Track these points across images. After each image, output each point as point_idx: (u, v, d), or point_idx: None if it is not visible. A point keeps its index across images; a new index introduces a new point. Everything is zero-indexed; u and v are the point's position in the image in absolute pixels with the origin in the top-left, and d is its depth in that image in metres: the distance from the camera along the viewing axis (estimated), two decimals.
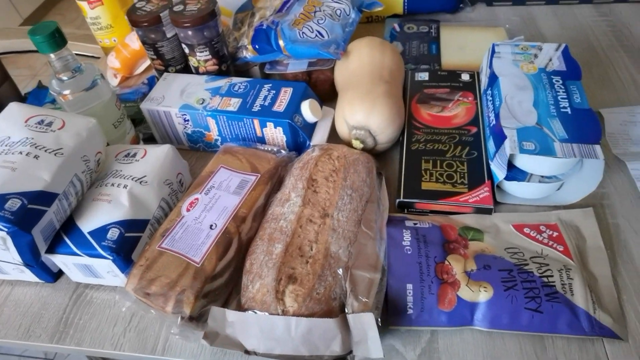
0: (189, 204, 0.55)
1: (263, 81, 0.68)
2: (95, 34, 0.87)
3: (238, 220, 0.54)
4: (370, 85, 0.64)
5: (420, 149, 0.64)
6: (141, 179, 0.56)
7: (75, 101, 0.60)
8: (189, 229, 0.53)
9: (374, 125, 0.62)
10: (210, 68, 0.71)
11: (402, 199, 0.59)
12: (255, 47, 0.72)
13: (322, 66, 0.72)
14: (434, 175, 0.60)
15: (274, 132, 0.64)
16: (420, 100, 0.70)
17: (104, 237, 0.51)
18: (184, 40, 0.69)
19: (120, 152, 0.60)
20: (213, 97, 0.66)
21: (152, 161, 0.59)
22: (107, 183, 0.56)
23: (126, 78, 0.86)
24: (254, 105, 0.64)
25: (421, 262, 0.52)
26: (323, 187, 0.56)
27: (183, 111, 0.66)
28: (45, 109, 0.56)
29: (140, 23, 0.68)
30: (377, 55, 0.68)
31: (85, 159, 0.54)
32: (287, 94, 0.65)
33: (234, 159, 0.61)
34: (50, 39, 0.55)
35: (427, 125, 0.67)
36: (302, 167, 0.58)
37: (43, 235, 0.49)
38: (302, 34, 0.70)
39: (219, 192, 0.56)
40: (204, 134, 0.68)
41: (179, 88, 0.68)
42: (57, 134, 0.53)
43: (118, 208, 0.53)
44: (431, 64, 0.79)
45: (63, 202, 0.51)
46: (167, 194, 0.59)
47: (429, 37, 0.85)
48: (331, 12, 0.75)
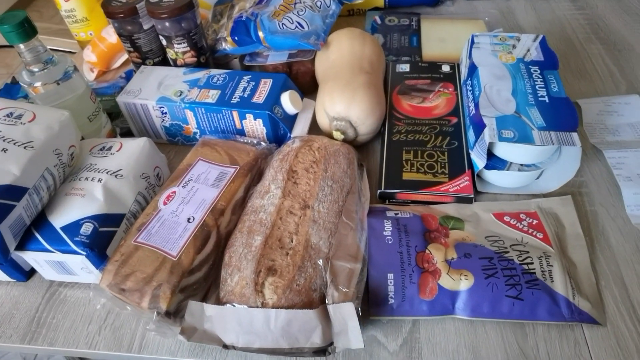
0: (166, 197, 0.54)
1: (242, 73, 0.67)
2: (71, 27, 0.85)
3: (216, 213, 0.53)
4: (351, 76, 0.63)
5: (402, 139, 0.63)
6: (116, 173, 0.55)
7: (48, 94, 0.58)
8: (166, 223, 0.51)
9: (355, 116, 0.61)
10: (189, 60, 0.70)
11: (383, 190, 0.58)
12: (235, 38, 0.71)
13: (302, 57, 0.71)
14: (414, 165, 0.60)
15: (254, 124, 0.63)
16: (401, 92, 0.70)
17: (77, 232, 0.50)
18: (161, 32, 0.67)
19: (95, 145, 0.59)
20: (191, 89, 0.65)
21: (127, 154, 0.57)
22: (81, 177, 0.54)
23: (103, 72, 0.84)
24: (233, 97, 0.63)
25: (402, 252, 0.52)
26: (303, 178, 0.55)
27: (160, 104, 0.64)
28: (15, 102, 0.54)
29: (116, 14, 0.67)
30: (357, 45, 0.67)
31: (57, 153, 0.53)
32: (266, 86, 0.64)
33: (212, 152, 0.59)
34: (19, 29, 0.53)
35: (408, 116, 0.66)
36: (282, 159, 0.57)
37: (12, 231, 0.47)
38: (282, 25, 0.69)
39: (196, 185, 0.55)
40: (182, 127, 0.67)
41: (156, 80, 0.67)
42: (27, 127, 0.51)
43: (92, 202, 0.52)
44: (412, 56, 0.79)
45: (33, 196, 0.49)
46: (143, 187, 0.57)
47: (410, 29, 0.85)
48: (311, 4, 0.74)
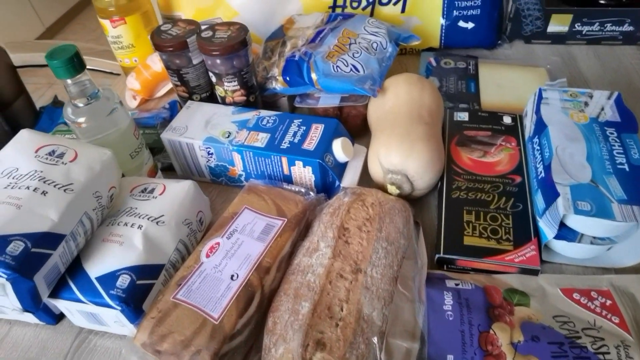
0: (209, 248, 0.50)
1: (293, 116, 0.63)
2: (116, 53, 0.84)
3: (262, 271, 0.48)
4: (409, 126, 0.59)
5: (462, 197, 0.58)
6: (158, 219, 0.52)
7: (90, 128, 0.55)
8: (208, 279, 0.47)
9: (412, 170, 0.57)
10: (238, 99, 0.67)
11: (442, 255, 0.53)
12: (286, 79, 0.68)
13: (355, 102, 0.67)
14: (477, 229, 0.55)
15: (303, 171, 0.59)
16: (460, 143, 0.65)
17: (112, 284, 0.46)
18: (212, 69, 0.65)
19: (137, 186, 0.56)
20: (240, 130, 0.62)
21: (171, 199, 0.54)
22: (120, 222, 0.51)
23: (145, 100, 0.82)
24: (283, 142, 0.60)
25: (464, 330, 0.46)
26: (356, 237, 0.51)
27: (207, 144, 0.61)
28: (57, 138, 0.52)
29: (165, 48, 0.65)
30: (416, 93, 0.63)
31: (97, 195, 0.50)
32: (318, 131, 0.61)
33: (259, 200, 0.56)
34: (68, 64, 0.51)
35: (468, 171, 0.61)
36: (332, 213, 0.53)
37: (46, 280, 0.44)
38: (337, 68, 0.66)
39: (242, 236, 0.51)
40: (227, 169, 0.63)
41: (203, 118, 0.64)
42: (68, 167, 0.49)
43: (130, 251, 0.48)
44: (470, 103, 0.75)
45: (70, 243, 0.46)
46: (185, 235, 0.54)
47: (467, 73, 0.81)
48: (367, 45, 0.71)
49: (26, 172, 0.47)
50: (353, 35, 0.73)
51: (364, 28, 0.75)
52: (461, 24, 0.85)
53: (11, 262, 0.41)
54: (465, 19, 0.84)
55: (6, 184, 0.46)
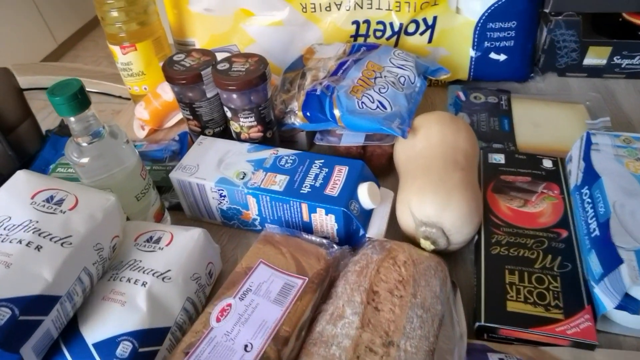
0: (220, 311, 0.45)
1: (314, 156, 0.58)
2: (126, 80, 0.79)
3: (279, 341, 0.42)
4: (444, 172, 0.53)
5: (502, 254, 0.52)
6: (164, 275, 0.46)
7: (93, 167, 0.50)
8: (218, 348, 0.42)
9: (449, 224, 0.51)
10: (254, 135, 0.62)
11: (483, 323, 0.47)
12: (306, 114, 0.63)
13: (381, 141, 0.62)
14: (521, 292, 0.49)
15: (325, 219, 0.54)
16: (496, 189, 0.60)
17: (112, 352, 0.40)
18: (227, 103, 0.60)
19: (142, 234, 0.50)
20: (256, 171, 0.56)
21: (179, 250, 0.48)
22: (123, 277, 0.45)
23: (154, 131, 0.78)
24: (303, 186, 0.54)
25: None
26: (387, 303, 0.45)
27: (220, 186, 0.56)
28: (57, 181, 0.47)
29: (178, 80, 0.60)
30: (450, 134, 0.58)
31: (98, 247, 0.44)
32: (341, 174, 0.55)
33: (276, 253, 0.50)
34: (72, 101, 0.46)
35: (508, 223, 0.55)
36: (359, 273, 0.47)
37: (35, 350, 0.38)
38: (362, 104, 0.61)
39: (257, 298, 0.46)
40: (241, 212, 0.58)
41: (216, 156, 0.59)
42: (67, 217, 0.43)
43: (133, 313, 0.43)
44: (504, 143, 0.69)
45: (66, 305, 0.41)
46: (193, 291, 0.48)
47: (499, 110, 0.75)
48: (394, 80, 0.65)
49: (20, 222, 0.42)
50: (378, 68, 0.67)
51: (389, 60, 0.70)
52: (492, 56, 0.80)
53: None
54: (497, 50, 0.79)
55: None
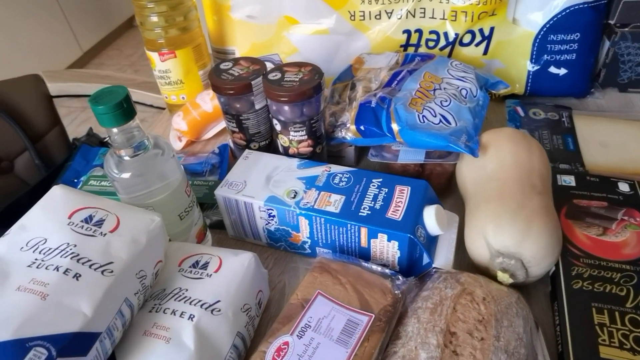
0: (276, 350, 0.39)
1: (370, 174, 0.53)
2: (162, 89, 0.75)
3: None
4: (521, 197, 0.48)
5: (586, 288, 0.46)
6: (213, 306, 0.41)
7: (134, 183, 0.46)
8: None
9: (529, 255, 0.45)
10: (303, 150, 0.57)
11: None
12: (360, 128, 0.58)
13: (443, 159, 0.56)
14: (614, 336, 0.43)
15: (386, 245, 0.48)
16: (571, 215, 0.54)
17: None
18: (277, 115, 0.55)
19: (186, 258, 0.45)
20: (308, 190, 0.51)
21: (228, 278, 0.43)
22: (167, 309, 0.40)
23: (192, 142, 0.73)
24: (362, 208, 0.49)
25: None
26: (467, 347, 0.39)
27: (269, 205, 0.51)
28: (96, 199, 0.42)
29: (225, 90, 0.55)
30: (523, 154, 0.52)
31: (140, 275, 0.39)
32: (403, 195, 0.50)
33: (334, 284, 0.45)
34: (116, 111, 0.41)
35: (588, 253, 0.49)
36: (432, 310, 0.42)
37: None
38: (423, 118, 0.56)
39: (317, 337, 0.40)
40: (290, 234, 0.53)
41: (264, 172, 0.54)
42: (108, 240, 0.39)
43: (180, 353, 0.37)
44: (571, 164, 0.63)
45: (105, 342, 0.36)
46: (243, 325, 0.43)
47: (562, 127, 0.70)
48: (455, 92, 0.60)
49: (56, 246, 0.37)
50: (436, 79, 0.62)
51: (447, 71, 0.65)
52: (552, 70, 0.74)
53: None
54: (558, 64, 0.74)
55: (31, 260, 0.36)
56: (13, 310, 0.32)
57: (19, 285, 0.34)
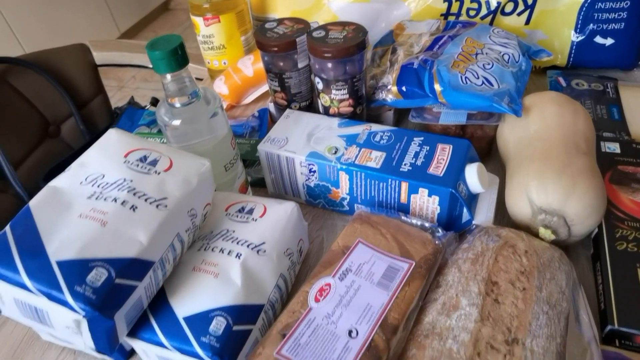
0: (319, 290, 0.40)
1: (411, 132, 0.53)
2: (205, 53, 0.77)
3: (388, 329, 0.38)
4: (566, 157, 0.47)
5: (631, 250, 0.46)
6: (259, 247, 0.42)
7: (185, 132, 0.47)
8: (319, 331, 0.37)
9: (573, 213, 0.45)
10: (344, 110, 0.58)
11: (616, 327, 0.41)
12: (402, 89, 0.58)
13: (485, 120, 0.56)
14: None
15: (427, 200, 0.49)
16: (615, 180, 0.53)
17: (205, 329, 0.37)
18: (319, 74, 0.56)
19: (232, 204, 0.47)
20: (349, 146, 0.52)
21: (273, 223, 0.45)
22: (215, 247, 0.42)
23: (232, 107, 0.75)
24: (403, 164, 0.50)
25: None
26: (508, 296, 0.39)
27: (310, 160, 0.52)
28: (149, 142, 0.44)
29: (270, 47, 0.56)
30: (568, 116, 0.51)
31: (191, 214, 0.41)
32: (445, 153, 0.50)
33: (375, 234, 0.45)
34: (171, 57, 0.43)
35: (633, 217, 0.49)
36: (474, 260, 0.42)
37: (127, 319, 0.35)
38: (465, 79, 0.56)
39: (358, 279, 0.41)
40: (329, 190, 0.54)
41: (305, 130, 0.55)
42: (162, 178, 0.40)
43: (228, 287, 0.39)
44: (616, 132, 0.62)
45: (158, 272, 0.37)
46: (286, 268, 0.44)
47: (606, 97, 0.68)
48: (497, 57, 0.60)
49: (114, 181, 0.39)
50: (479, 45, 0.62)
51: (489, 38, 0.64)
52: (598, 40, 0.72)
53: (91, 295, 0.32)
54: (604, 33, 0.72)
55: (90, 193, 0.38)
56: (76, 233, 0.35)
57: (81, 213, 0.36)
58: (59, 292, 0.32)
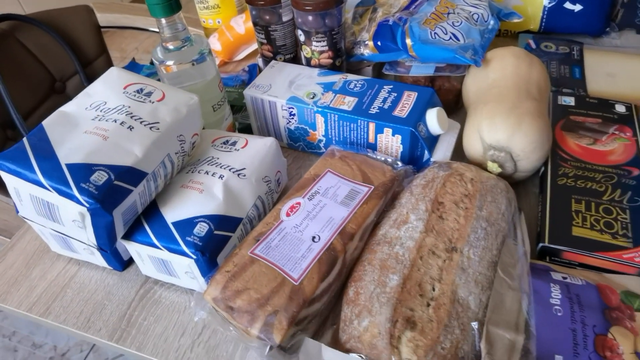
0: (290, 207, 0.47)
1: (382, 81, 0.59)
2: (200, 13, 0.82)
3: (345, 236, 0.44)
4: (516, 100, 0.53)
5: (569, 185, 0.52)
6: (239, 171, 0.49)
7: (178, 74, 0.53)
8: (288, 237, 0.44)
9: (518, 148, 0.51)
10: (324, 61, 0.63)
11: (546, 244, 0.47)
12: (377, 44, 0.64)
13: (451, 72, 0.62)
14: (587, 220, 0.48)
15: (391, 140, 0.55)
16: (566, 128, 0.59)
17: (189, 231, 0.43)
18: (301, 26, 0.61)
19: (219, 138, 0.53)
20: (325, 92, 0.58)
21: (253, 153, 0.51)
22: (201, 170, 0.49)
23: (225, 63, 0.81)
24: (372, 107, 0.55)
25: (576, 330, 0.40)
26: (452, 213, 0.46)
27: (290, 104, 0.58)
28: (146, 78, 0.50)
29: (257, 1, 0.62)
30: (524, 66, 0.57)
31: (180, 139, 0.47)
32: (410, 99, 0.56)
33: (343, 164, 0.52)
34: (165, 2, 0.49)
35: (576, 158, 0.55)
36: (425, 185, 0.48)
37: (124, 218, 0.42)
38: (434, 35, 0.61)
39: (324, 199, 0.47)
40: (307, 132, 0.60)
41: (287, 78, 0.61)
42: (155, 106, 0.47)
43: (210, 200, 0.46)
44: (575, 89, 0.67)
45: (150, 183, 0.44)
46: (264, 192, 0.51)
47: (571, 59, 0.73)
48: (467, 16, 0.65)
49: (114, 107, 0.45)
50: (451, 5, 0.67)
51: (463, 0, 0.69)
52: (567, 6, 0.77)
53: (94, 191, 0.38)
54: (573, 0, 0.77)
55: (94, 115, 0.44)
56: (83, 144, 0.41)
57: (86, 130, 0.43)
58: (67, 188, 0.38)
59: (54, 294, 0.51)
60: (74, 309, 0.49)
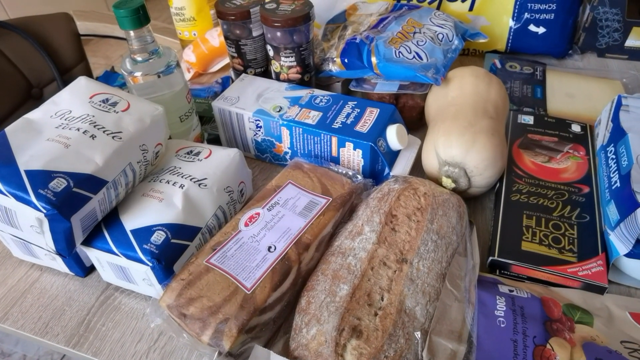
0: (249, 217, 0.48)
1: (347, 97, 0.61)
2: (177, 25, 0.84)
3: (300, 246, 0.46)
4: (473, 118, 0.55)
5: (522, 201, 0.54)
6: (200, 181, 0.50)
7: (145, 85, 0.55)
8: (244, 247, 0.45)
9: (472, 165, 0.53)
10: (293, 76, 0.65)
11: (496, 258, 0.49)
12: (344, 60, 0.66)
13: (414, 90, 0.64)
14: (537, 235, 0.50)
15: (352, 154, 0.56)
16: (523, 146, 0.61)
17: (147, 238, 0.44)
18: (270, 42, 0.63)
19: (183, 148, 0.54)
20: (292, 106, 0.60)
21: (216, 164, 0.52)
22: (162, 179, 0.50)
23: (199, 74, 0.82)
24: (335, 122, 0.57)
25: (517, 340, 0.42)
26: (404, 226, 0.47)
27: (257, 116, 0.59)
28: (113, 88, 0.51)
29: (228, 16, 0.64)
30: (482, 86, 0.59)
31: (143, 149, 0.48)
32: (372, 115, 0.58)
33: (304, 177, 0.53)
34: (134, 15, 0.50)
35: (530, 175, 0.57)
36: (380, 199, 0.50)
37: (82, 224, 0.43)
38: (399, 54, 0.63)
39: (283, 210, 0.49)
40: (274, 144, 0.61)
41: (255, 91, 0.62)
42: (119, 116, 0.48)
43: (169, 209, 0.47)
44: (535, 108, 0.70)
45: (110, 191, 0.45)
46: (225, 202, 0.52)
47: (534, 79, 0.76)
48: (432, 35, 0.67)
49: (78, 115, 0.46)
50: (418, 25, 0.70)
51: (429, 19, 0.72)
52: (531, 28, 0.81)
53: (52, 197, 0.39)
54: (537, 22, 0.80)
55: (58, 124, 0.45)
56: (44, 151, 0.42)
57: (48, 137, 0.43)
58: (25, 194, 0.39)
59: (13, 299, 0.51)
60: (32, 314, 0.50)
